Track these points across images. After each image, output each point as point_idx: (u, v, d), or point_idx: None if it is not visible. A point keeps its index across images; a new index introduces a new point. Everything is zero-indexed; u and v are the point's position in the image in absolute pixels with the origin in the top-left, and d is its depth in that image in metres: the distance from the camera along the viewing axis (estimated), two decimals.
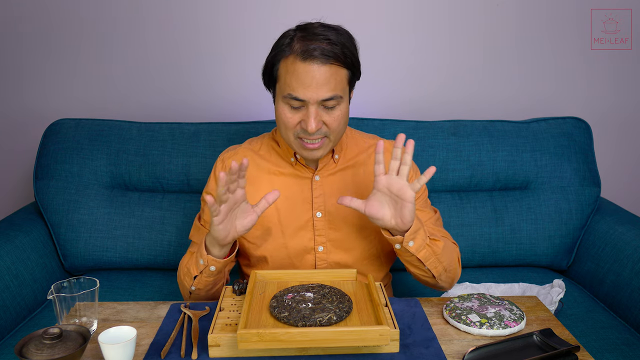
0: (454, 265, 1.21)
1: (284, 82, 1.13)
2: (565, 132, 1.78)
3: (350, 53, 1.14)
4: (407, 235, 1.08)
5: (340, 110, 1.15)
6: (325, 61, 1.10)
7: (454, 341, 1.00)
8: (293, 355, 0.94)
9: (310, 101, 1.11)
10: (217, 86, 2.00)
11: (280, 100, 1.15)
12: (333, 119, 1.14)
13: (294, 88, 1.11)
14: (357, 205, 1.10)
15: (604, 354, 1.31)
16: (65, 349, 0.87)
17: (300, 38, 1.12)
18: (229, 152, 1.32)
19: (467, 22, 1.96)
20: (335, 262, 1.27)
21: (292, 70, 1.11)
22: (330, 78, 1.11)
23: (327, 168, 1.27)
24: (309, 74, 1.10)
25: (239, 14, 1.93)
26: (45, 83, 2.00)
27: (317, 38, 1.10)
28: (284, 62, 1.13)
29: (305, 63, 1.10)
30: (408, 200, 1.05)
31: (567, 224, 1.73)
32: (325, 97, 1.11)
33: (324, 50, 1.09)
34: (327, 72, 1.10)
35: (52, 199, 1.70)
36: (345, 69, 1.14)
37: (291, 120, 1.14)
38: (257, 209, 1.10)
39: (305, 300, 1.02)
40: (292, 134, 1.16)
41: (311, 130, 1.12)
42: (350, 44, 1.15)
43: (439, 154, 1.74)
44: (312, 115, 1.12)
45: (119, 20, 1.93)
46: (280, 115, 1.16)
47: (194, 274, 1.16)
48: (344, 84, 1.15)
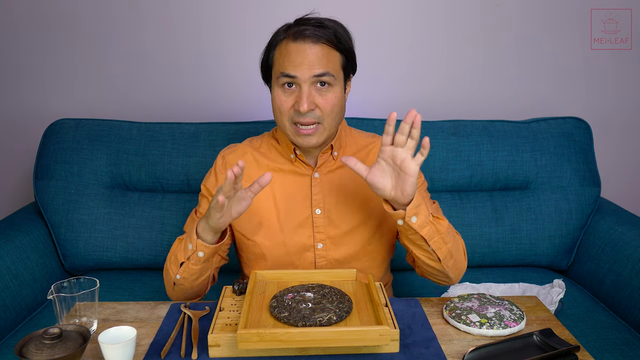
0: (460, 252, 1.19)
1: (278, 64, 1.16)
2: (565, 132, 1.78)
3: (343, 39, 1.16)
4: (409, 209, 1.06)
5: (334, 93, 1.16)
6: (316, 41, 1.13)
7: (454, 341, 1.00)
8: (293, 355, 0.94)
9: (303, 77, 1.13)
10: (217, 86, 2.00)
11: (275, 86, 1.18)
12: (326, 101, 1.15)
13: (286, 66, 1.14)
14: (360, 170, 1.09)
15: (604, 354, 1.31)
16: (65, 349, 0.87)
17: (293, 25, 1.17)
18: (229, 149, 1.33)
19: (467, 22, 1.96)
20: (334, 259, 1.27)
21: (285, 51, 1.14)
22: (322, 57, 1.13)
23: (326, 165, 1.27)
24: (300, 53, 1.13)
25: (239, 14, 1.93)
26: (45, 83, 2.00)
27: (309, 22, 1.15)
28: (278, 48, 1.17)
29: (296, 42, 1.13)
30: (410, 174, 1.03)
31: (567, 224, 1.73)
32: (317, 72, 1.13)
33: (315, 31, 1.13)
34: (319, 51, 1.13)
35: (52, 199, 1.70)
36: (337, 52, 1.16)
37: (285, 104, 1.16)
38: (251, 193, 1.10)
39: (305, 300, 1.02)
40: (287, 119, 1.17)
41: (303, 110, 1.12)
42: (344, 32, 1.18)
43: (439, 154, 1.74)
44: (305, 94, 1.13)
45: (119, 20, 1.93)
46: (275, 101, 1.18)
47: (180, 260, 1.15)
48: (337, 67, 1.16)
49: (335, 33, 1.15)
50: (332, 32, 1.14)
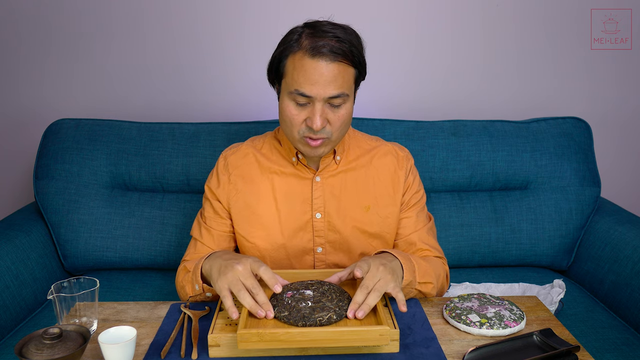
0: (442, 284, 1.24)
1: (291, 78, 1.12)
2: (565, 132, 1.78)
3: (357, 52, 1.13)
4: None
5: (346, 109, 1.15)
6: (333, 59, 1.09)
7: (454, 341, 1.00)
8: (293, 355, 0.94)
9: (317, 98, 1.10)
10: (218, 86, 2.00)
11: (286, 97, 1.14)
12: (337, 117, 1.14)
13: (301, 84, 1.10)
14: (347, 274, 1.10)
15: (604, 354, 1.31)
16: (65, 349, 0.87)
17: (308, 35, 1.11)
18: (231, 149, 1.33)
19: (467, 22, 1.96)
20: (334, 264, 1.27)
21: (300, 66, 1.10)
22: (338, 76, 1.10)
23: (328, 169, 1.27)
24: (317, 71, 1.09)
25: (239, 14, 1.93)
26: (45, 83, 2.00)
27: (326, 35, 1.10)
28: (292, 58, 1.12)
29: (313, 60, 1.09)
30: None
31: (567, 224, 1.73)
32: (332, 94, 1.10)
33: (332, 47, 1.09)
34: (335, 69, 1.10)
35: (52, 199, 1.70)
36: (352, 67, 1.13)
37: (297, 118, 1.14)
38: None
39: (305, 298, 1.02)
40: (297, 131, 1.15)
41: (316, 128, 1.11)
42: (358, 43, 1.14)
43: (439, 154, 1.74)
44: (318, 112, 1.11)
45: (119, 20, 1.93)
46: (285, 111, 1.15)
47: (189, 294, 1.17)
48: (351, 83, 1.14)
49: (350, 48, 1.11)
50: (348, 47, 1.10)
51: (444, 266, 1.26)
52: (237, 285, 0.98)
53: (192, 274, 1.15)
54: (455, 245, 1.73)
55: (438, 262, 1.24)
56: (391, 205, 1.27)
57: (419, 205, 1.31)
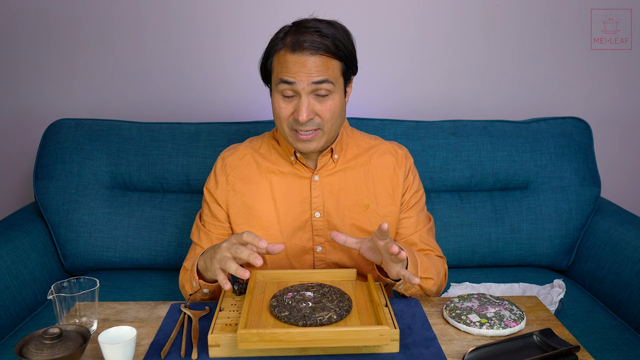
0: (441, 281, 1.24)
1: (276, 72, 1.15)
2: (565, 132, 1.78)
3: (343, 45, 1.14)
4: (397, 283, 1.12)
5: (333, 100, 1.15)
6: (314, 52, 1.11)
7: (454, 341, 1.00)
8: (293, 355, 0.94)
9: (301, 85, 1.12)
10: (217, 86, 2.00)
11: (275, 92, 1.17)
12: (325, 108, 1.15)
13: (284, 74, 1.13)
14: (351, 244, 1.11)
15: (604, 354, 1.31)
16: (65, 349, 0.87)
17: (292, 32, 1.14)
18: (229, 150, 1.33)
19: (467, 22, 1.96)
20: (333, 263, 1.27)
21: (283, 60, 1.13)
22: (321, 66, 1.12)
23: (326, 168, 1.27)
24: (298, 63, 1.12)
25: (239, 14, 1.93)
26: (45, 83, 2.00)
27: (308, 31, 1.12)
28: (277, 56, 1.15)
29: (295, 54, 1.12)
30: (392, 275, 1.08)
31: (567, 224, 1.73)
32: (315, 79, 1.11)
33: (313, 42, 1.11)
34: (318, 60, 1.12)
35: (52, 199, 1.70)
36: (336, 60, 1.14)
37: (284, 111, 1.16)
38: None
39: (305, 299, 1.02)
40: (286, 125, 1.17)
41: (302, 120, 1.12)
42: (344, 37, 1.16)
43: (439, 154, 1.74)
44: (304, 104, 1.13)
45: (119, 20, 1.93)
46: (274, 106, 1.18)
47: (188, 292, 1.18)
48: (337, 74, 1.15)
49: (334, 42, 1.13)
50: (331, 41, 1.12)
51: (443, 265, 1.27)
52: (224, 260, 1.00)
53: (190, 271, 1.16)
54: (455, 245, 1.73)
55: (438, 260, 1.25)
56: (390, 204, 1.27)
57: (419, 205, 1.31)
